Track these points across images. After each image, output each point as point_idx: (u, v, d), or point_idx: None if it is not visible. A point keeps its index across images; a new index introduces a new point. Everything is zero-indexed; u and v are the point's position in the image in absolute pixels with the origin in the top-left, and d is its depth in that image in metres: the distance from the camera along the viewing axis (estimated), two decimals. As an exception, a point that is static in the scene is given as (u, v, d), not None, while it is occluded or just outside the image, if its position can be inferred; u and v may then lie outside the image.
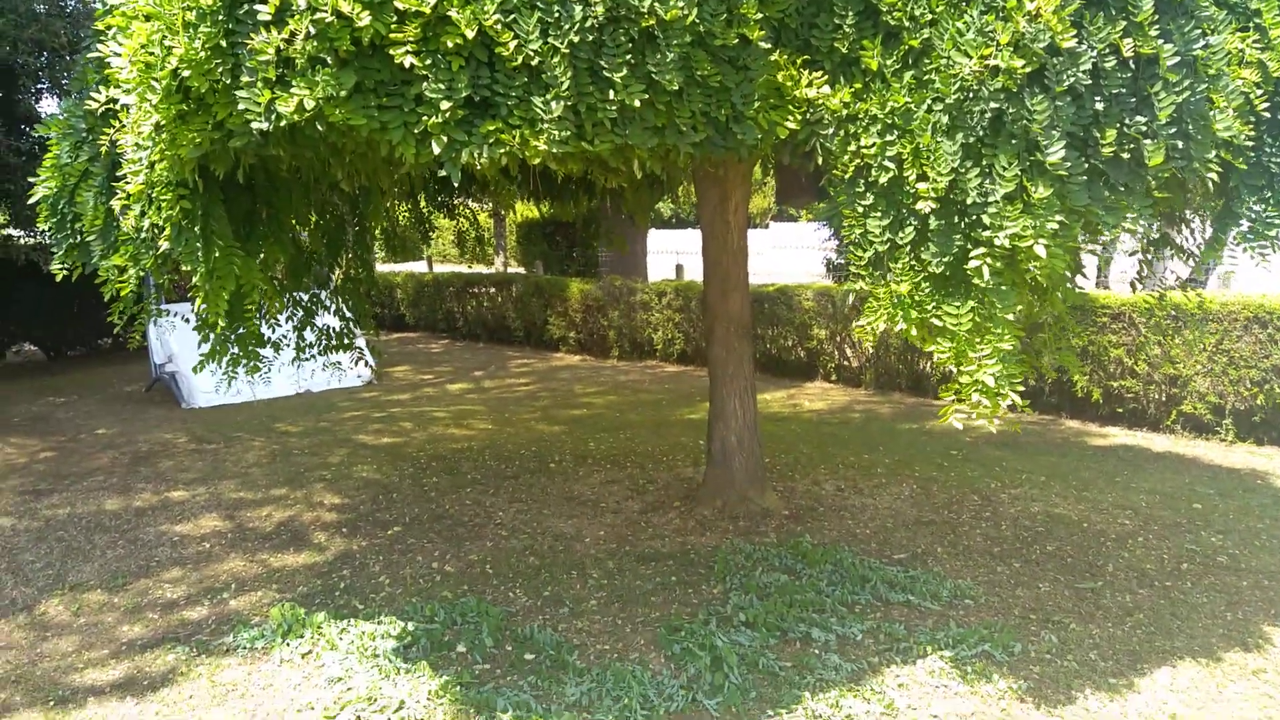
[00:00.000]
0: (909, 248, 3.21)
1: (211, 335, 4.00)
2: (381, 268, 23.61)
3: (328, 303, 5.38)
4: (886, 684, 3.67)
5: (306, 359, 5.36)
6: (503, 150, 2.86)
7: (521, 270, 19.93)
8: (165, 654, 4.14)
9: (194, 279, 3.28)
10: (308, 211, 4.25)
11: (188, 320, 4.63)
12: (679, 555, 5.11)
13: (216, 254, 3.26)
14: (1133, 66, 3.03)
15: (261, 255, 4.10)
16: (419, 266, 19.55)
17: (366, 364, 11.18)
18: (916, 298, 3.23)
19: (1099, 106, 2.99)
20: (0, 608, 4.70)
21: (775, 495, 6.05)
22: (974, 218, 3.18)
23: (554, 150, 2.91)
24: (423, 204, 6.82)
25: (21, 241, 12.30)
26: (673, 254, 19.94)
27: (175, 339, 10.03)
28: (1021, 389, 3.39)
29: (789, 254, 25.52)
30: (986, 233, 3.12)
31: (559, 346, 13.91)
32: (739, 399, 5.92)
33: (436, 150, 2.80)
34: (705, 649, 3.90)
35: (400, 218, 6.46)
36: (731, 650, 3.87)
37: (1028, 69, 2.92)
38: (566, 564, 5.04)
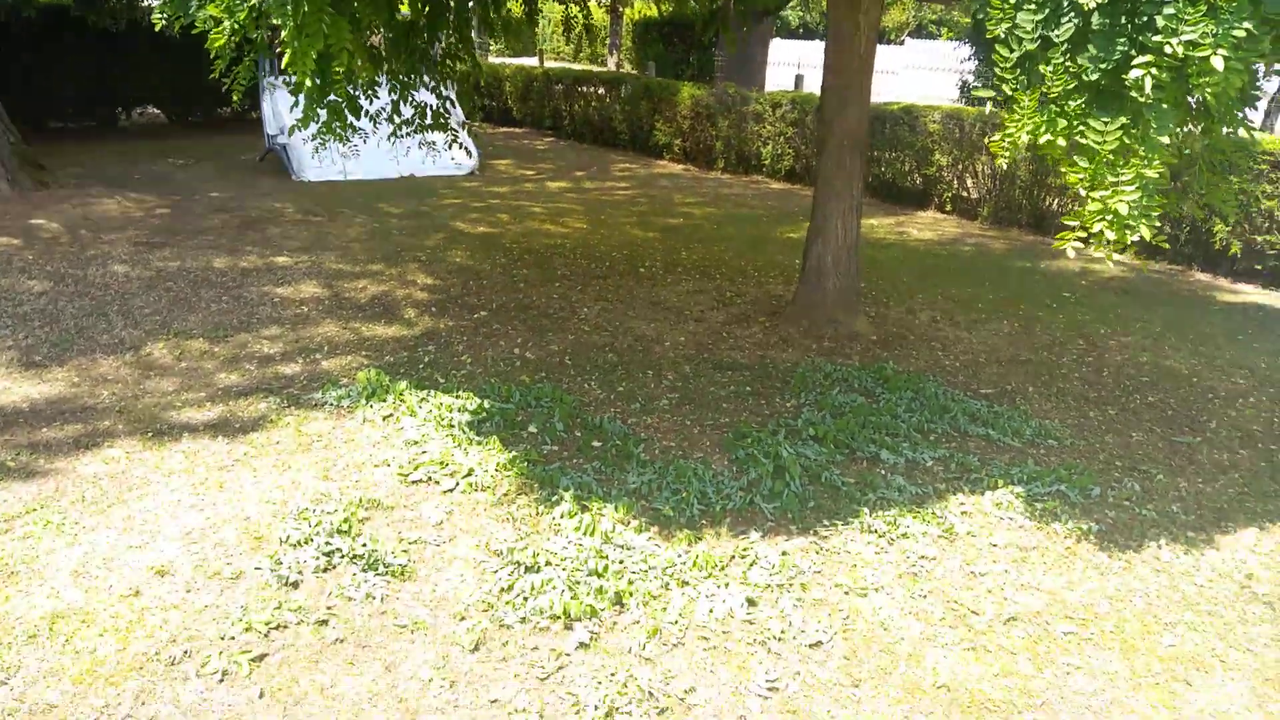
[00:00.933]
0: (1064, 48, 2.80)
1: (301, 98, 3.94)
2: (494, 60, 23.06)
3: (428, 80, 5.20)
4: (949, 510, 3.61)
5: (402, 135, 5.27)
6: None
7: (634, 72, 19.13)
8: (258, 402, 4.41)
9: (282, 34, 3.17)
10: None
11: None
12: (756, 367, 5.05)
13: (306, 8, 3.11)
14: None
15: (355, 16, 3.93)
16: (531, 62, 18.96)
17: (469, 152, 11.12)
18: (1065, 107, 2.84)
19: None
20: (110, 346, 5.05)
21: (866, 320, 5.85)
22: (1145, 19, 2.73)
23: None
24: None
25: (147, 4, 12.39)
26: (794, 65, 18.69)
27: (287, 110, 10.12)
28: (1156, 226, 3.04)
29: (922, 75, 23.55)
30: (1157, 37, 2.69)
31: (663, 154, 13.49)
32: (842, 218, 5.62)
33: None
34: (770, 457, 3.90)
35: None
36: (795, 460, 3.86)
37: None
38: (644, 364, 5.05)
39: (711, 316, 5.95)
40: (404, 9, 4.92)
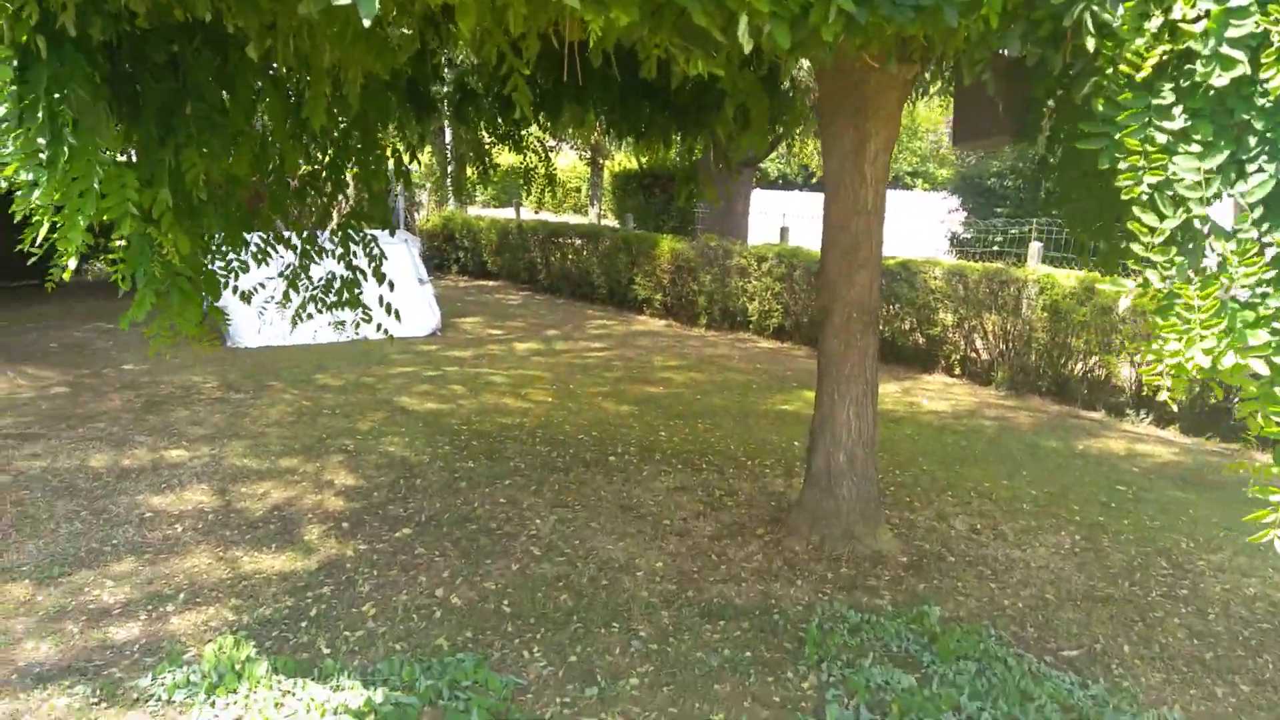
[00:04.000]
0: (1256, 210, 1.77)
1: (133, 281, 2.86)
2: (473, 211, 22.78)
3: (333, 245, 4.18)
4: None
5: (303, 317, 4.20)
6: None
7: (614, 223, 18.69)
8: (58, 694, 3.11)
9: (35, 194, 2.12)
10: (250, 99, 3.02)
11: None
12: (758, 613, 3.81)
13: (67, 154, 2.08)
14: None
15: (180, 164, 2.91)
16: (510, 214, 18.56)
17: (431, 311, 10.19)
18: (1261, 310, 1.79)
19: None
20: (-103, 597, 3.78)
21: (890, 534, 4.66)
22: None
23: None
24: (482, 132, 5.58)
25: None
26: (777, 216, 18.30)
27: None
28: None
29: (902, 226, 23.33)
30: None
31: (643, 309, 12.64)
32: (855, 406, 4.54)
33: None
34: (786, 797, 2.61)
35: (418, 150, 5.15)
36: (827, 809, 2.57)
37: None
38: (608, 610, 3.81)
39: (697, 527, 4.75)
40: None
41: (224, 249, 3.42)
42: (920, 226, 22.78)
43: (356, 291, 4.05)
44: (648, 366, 9.00)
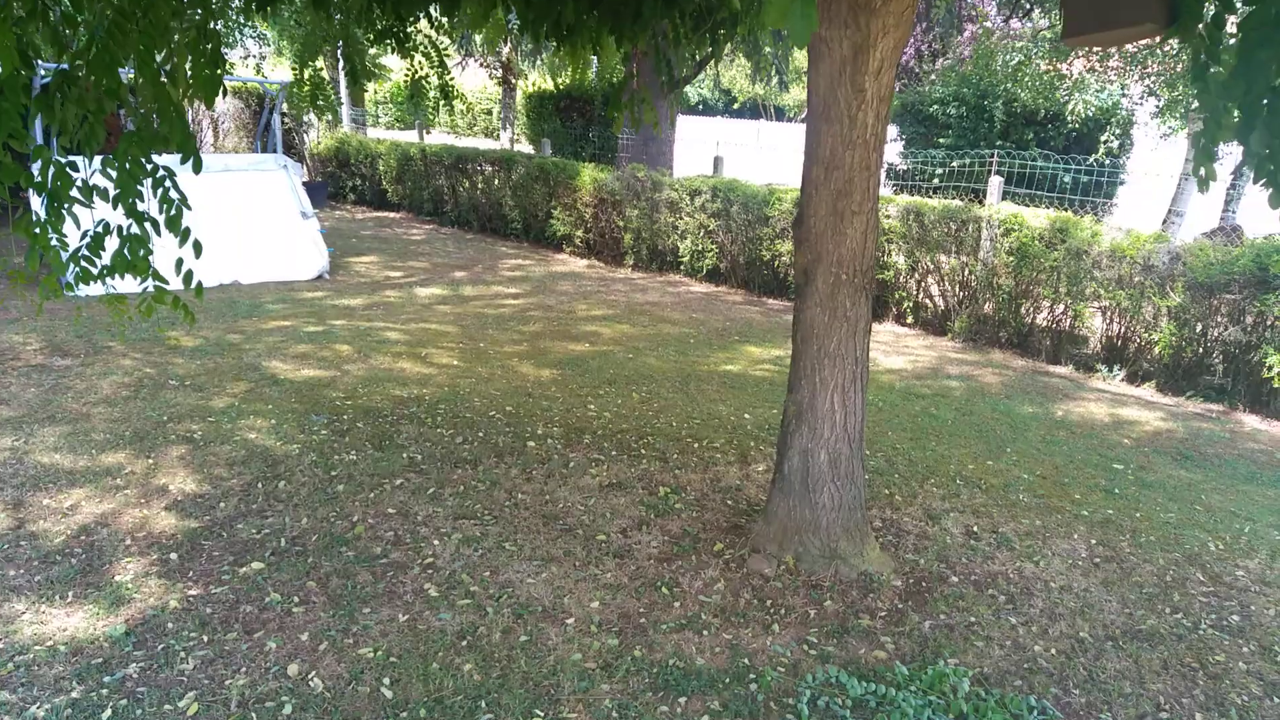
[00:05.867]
0: None
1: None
2: (372, 132, 20.91)
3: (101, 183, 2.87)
4: None
5: (72, 285, 2.92)
6: None
7: (529, 150, 17.24)
8: None
9: None
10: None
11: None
12: (729, 680, 2.88)
13: None
14: None
15: None
16: (412, 136, 16.85)
17: (318, 251, 8.83)
18: None
19: None
20: None
21: (878, 547, 3.78)
22: None
23: None
24: (353, 27, 4.29)
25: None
26: (706, 144, 17.11)
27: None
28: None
29: None
30: None
31: (563, 246, 11.47)
32: (841, 393, 3.59)
33: None
34: None
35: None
36: None
37: None
38: (528, 687, 2.81)
39: (640, 544, 3.78)
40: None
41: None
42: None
43: (143, 252, 2.78)
44: (571, 317, 7.90)
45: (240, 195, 8.77)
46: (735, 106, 33.89)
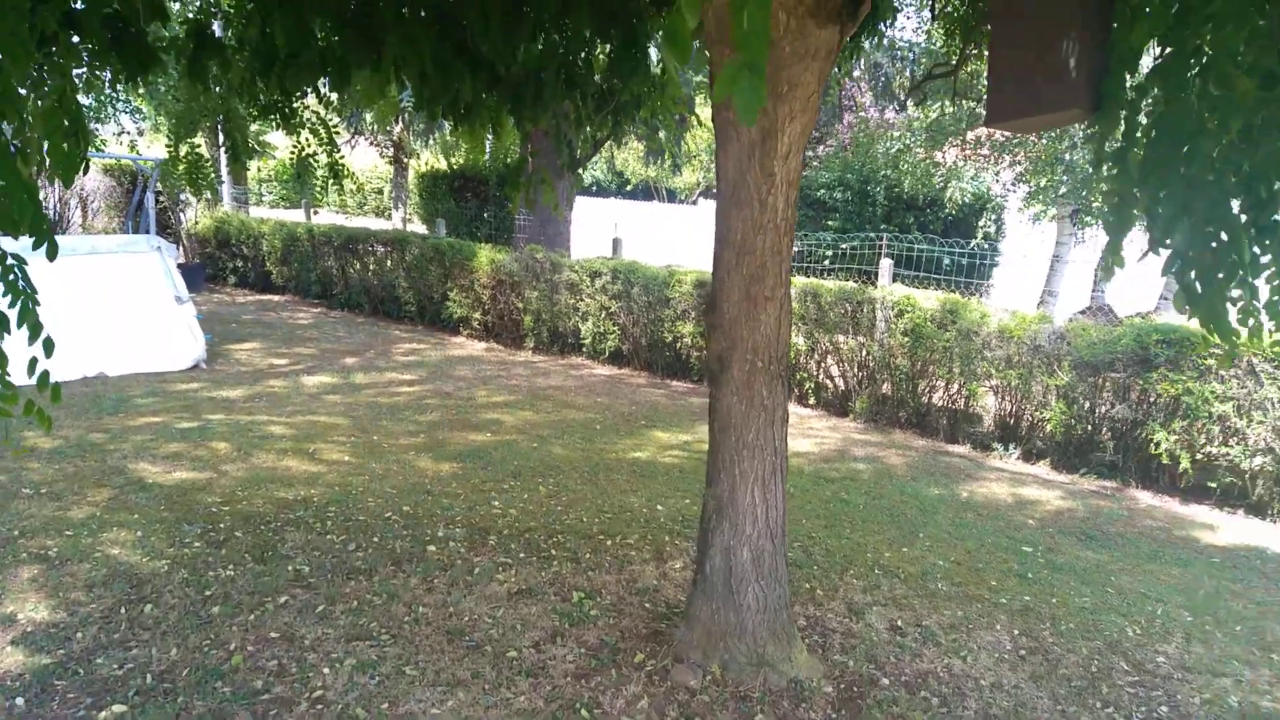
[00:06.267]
0: None
1: None
2: (255, 211, 20.27)
3: None
4: None
5: None
6: None
7: (422, 230, 16.96)
8: None
9: None
10: None
11: None
12: (662, 820, 2.62)
13: None
14: None
15: None
16: (299, 216, 16.31)
17: (193, 337, 8.27)
18: None
19: None
20: None
21: (805, 650, 3.61)
22: None
23: None
24: (235, 101, 4.04)
25: None
26: (601, 224, 17.26)
27: None
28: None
29: (705, 240, 22.78)
30: None
31: (460, 329, 11.18)
32: (762, 486, 3.45)
33: None
34: None
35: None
36: None
37: None
38: (437, 844, 2.47)
39: (555, 659, 3.49)
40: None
41: None
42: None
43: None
44: (470, 404, 7.59)
45: (109, 279, 8.17)
46: (628, 188, 34.62)
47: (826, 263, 13.10)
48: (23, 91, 2.31)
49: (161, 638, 3.48)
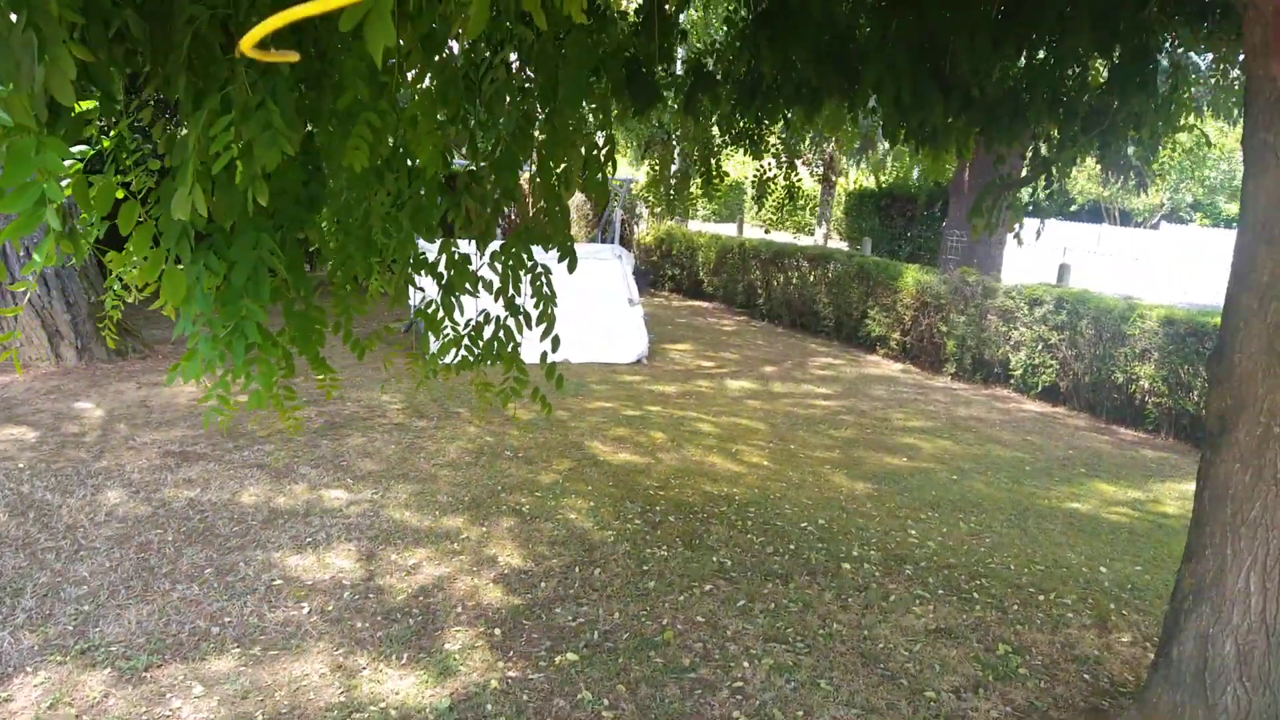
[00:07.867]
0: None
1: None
2: (693, 225, 21.98)
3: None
4: None
5: (434, 373, 3.14)
6: None
7: (844, 247, 17.07)
8: None
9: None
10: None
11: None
12: None
13: None
14: None
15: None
16: (732, 230, 17.41)
17: (639, 334, 9.22)
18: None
19: None
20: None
21: (1303, 778, 2.94)
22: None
23: None
24: (714, 129, 4.40)
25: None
26: (1048, 250, 15.81)
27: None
28: None
29: (1218, 268, 19.37)
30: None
31: (876, 347, 11.02)
32: (1261, 571, 2.88)
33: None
34: None
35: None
36: None
37: None
38: None
39: (979, 711, 3.26)
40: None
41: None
42: (1215, 271, 19.16)
43: (512, 346, 2.93)
44: (886, 425, 7.45)
45: (580, 280, 9.40)
46: (1072, 208, 31.25)
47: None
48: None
49: (607, 600, 3.91)
